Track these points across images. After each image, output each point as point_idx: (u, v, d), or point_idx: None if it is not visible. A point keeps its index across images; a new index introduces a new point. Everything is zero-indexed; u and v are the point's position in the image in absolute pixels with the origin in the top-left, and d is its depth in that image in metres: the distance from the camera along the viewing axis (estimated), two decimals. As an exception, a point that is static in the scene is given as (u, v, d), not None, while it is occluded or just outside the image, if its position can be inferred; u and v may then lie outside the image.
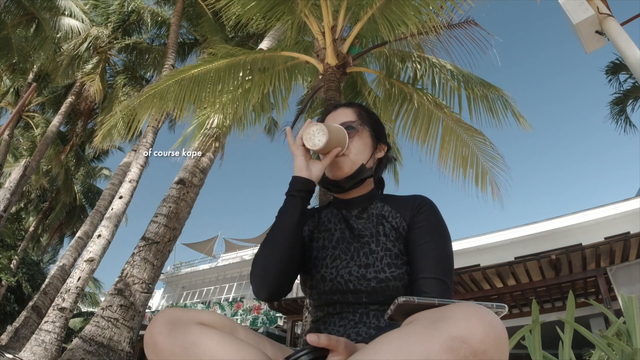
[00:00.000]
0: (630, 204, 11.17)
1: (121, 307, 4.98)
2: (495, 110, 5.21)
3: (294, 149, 0.96)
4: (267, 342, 0.81)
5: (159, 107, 5.03)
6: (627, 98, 10.00)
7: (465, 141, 5.15)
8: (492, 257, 10.58)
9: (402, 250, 0.94)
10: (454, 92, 5.24)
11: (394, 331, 0.62)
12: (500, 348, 0.55)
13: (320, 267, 0.97)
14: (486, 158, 5.20)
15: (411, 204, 0.99)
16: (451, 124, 5.14)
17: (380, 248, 0.94)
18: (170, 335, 0.67)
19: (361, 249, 0.95)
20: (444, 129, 5.17)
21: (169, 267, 22.68)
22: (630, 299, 1.51)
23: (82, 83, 12.69)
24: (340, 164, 1.00)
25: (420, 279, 0.87)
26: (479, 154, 5.18)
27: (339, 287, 0.92)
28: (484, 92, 5.14)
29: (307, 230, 1.06)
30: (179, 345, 0.66)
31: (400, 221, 0.98)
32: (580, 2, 3.14)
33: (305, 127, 0.96)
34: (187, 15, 11.89)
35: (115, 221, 8.10)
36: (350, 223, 1.01)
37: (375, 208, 1.03)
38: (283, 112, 5.97)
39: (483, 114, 5.19)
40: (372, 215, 1.01)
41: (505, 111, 5.24)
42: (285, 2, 4.81)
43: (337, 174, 1.01)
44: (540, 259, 6.95)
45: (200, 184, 6.28)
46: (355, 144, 1.02)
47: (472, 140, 5.15)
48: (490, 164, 5.20)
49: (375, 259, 0.93)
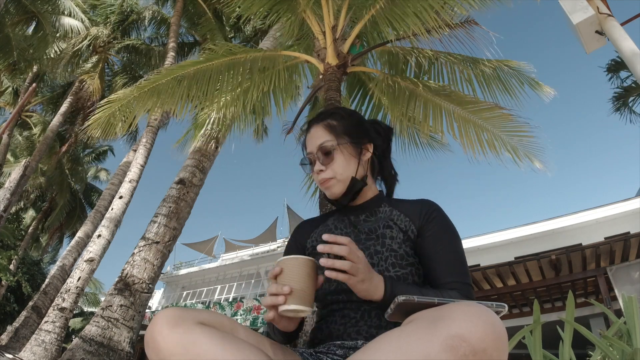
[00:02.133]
0: (630, 204, 11.16)
1: (121, 307, 4.98)
2: (510, 88, 4.92)
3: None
4: (267, 342, 0.82)
5: (156, 104, 4.95)
6: (629, 95, 10.00)
7: (482, 126, 4.90)
8: (492, 257, 10.57)
9: (408, 252, 0.95)
10: (463, 78, 5.00)
11: (394, 330, 0.62)
12: (500, 346, 0.56)
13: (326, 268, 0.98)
14: (509, 135, 4.87)
15: (419, 209, 1.00)
16: (464, 113, 4.91)
17: (385, 249, 0.95)
18: (171, 335, 0.67)
19: (366, 250, 0.96)
20: (457, 120, 4.95)
21: (169, 267, 22.69)
22: (630, 299, 1.51)
23: (82, 82, 12.69)
24: (331, 188, 1.02)
25: (443, 284, 0.90)
26: (501, 134, 4.89)
27: (343, 286, 0.93)
28: (496, 69, 4.87)
29: (310, 242, 1.07)
30: (179, 345, 0.66)
31: (409, 224, 0.99)
32: (580, 2, 3.14)
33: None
34: (188, 15, 11.89)
35: (115, 221, 8.10)
36: (357, 227, 1.02)
37: (383, 212, 1.03)
38: (285, 111, 5.97)
39: (498, 94, 4.93)
40: (379, 219, 1.02)
41: (521, 86, 4.92)
42: (286, 2, 4.81)
43: (332, 195, 1.03)
44: (540, 259, 6.95)
45: (200, 184, 6.28)
46: (337, 163, 1.01)
47: (489, 123, 4.86)
48: (517, 138, 4.87)
49: (380, 259, 0.94)
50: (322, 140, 1.03)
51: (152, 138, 9.05)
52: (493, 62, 4.88)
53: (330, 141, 1.02)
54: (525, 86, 4.95)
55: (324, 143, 1.02)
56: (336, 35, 4.73)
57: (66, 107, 12.51)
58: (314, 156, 1.04)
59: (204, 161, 6.28)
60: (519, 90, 4.95)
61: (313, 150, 1.04)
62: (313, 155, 1.04)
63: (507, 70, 4.92)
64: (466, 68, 4.92)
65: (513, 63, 4.93)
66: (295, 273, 0.78)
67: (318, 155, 1.03)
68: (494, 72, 4.91)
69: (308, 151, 1.05)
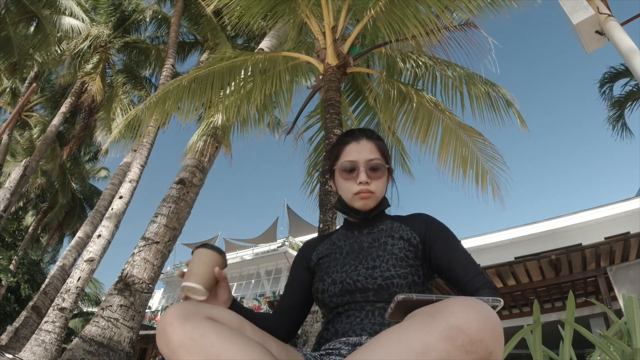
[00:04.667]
0: (630, 204, 11.17)
1: (121, 307, 4.98)
2: (497, 108, 5.20)
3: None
4: (272, 341, 0.85)
5: (162, 111, 5.08)
6: (626, 102, 10.02)
7: (465, 141, 5.16)
8: (492, 257, 10.58)
9: (409, 256, 1.02)
10: (456, 89, 5.23)
11: (395, 325, 0.65)
12: (496, 338, 0.59)
13: (332, 273, 1.05)
14: (486, 158, 5.20)
15: (419, 221, 1.10)
16: (451, 124, 5.15)
17: (386, 253, 1.02)
18: (181, 327, 0.70)
19: (369, 255, 1.04)
20: (443, 130, 5.18)
21: (169, 267, 22.68)
22: (630, 299, 1.52)
23: (83, 82, 12.69)
24: (368, 200, 1.09)
25: (469, 280, 0.97)
26: (479, 154, 5.19)
27: (348, 287, 1.00)
28: (487, 89, 5.14)
29: (316, 255, 1.14)
30: (188, 337, 0.69)
31: (411, 232, 1.07)
32: (580, 2, 3.14)
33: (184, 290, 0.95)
34: (189, 15, 11.89)
35: (115, 221, 8.10)
36: (360, 238, 1.11)
37: (384, 225, 1.12)
38: (287, 112, 5.98)
39: (485, 111, 5.19)
40: (381, 230, 1.10)
41: (507, 109, 5.24)
42: (286, 2, 4.81)
43: (364, 207, 1.10)
44: (540, 259, 6.95)
45: (200, 184, 6.28)
46: (381, 183, 1.11)
47: (472, 141, 5.15)
48: (490, 163, 5.21)
49: (382, 261, 1.01)
50: (375, 157, 1.11)
51: (152, 138, 9.05)
52: (486, 85, 5.17)
53: (380, 161, 1.11)
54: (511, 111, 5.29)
55: (375, 160, 1.10)
56: (336, 36, 4.74)
57: (66, 107, 12.51)
58: (358, 165, 1.09)
59: (204, 161, 6.28)
60: (505, 111, 5.25)
61: (360, 160, 1.10)
62: (358, 164, 1.09)
63: (495, 95, 5.23)
64: (460, 84, 5.17)
65: (502, 90, 5.28)
66: (196, 259, 0.95)
67: (366, 168, 1.09)
68: (485, 91, 5.16)
69: (353, 159, 1.10)
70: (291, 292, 1.14)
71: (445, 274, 1.02)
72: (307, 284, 1.13)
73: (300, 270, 1.15)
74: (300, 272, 1.15)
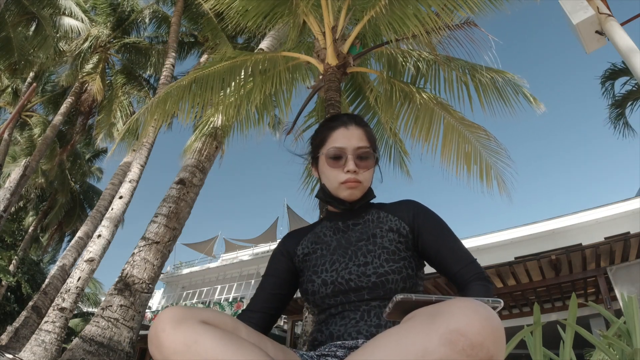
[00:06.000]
0: (630, 204, 11.17)
1: (121, 307, 4.98)
2: (506, 96, 5.05)
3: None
4: (268, 342, 0.83)
5: (163, 111, 5.08)
6: (627, 100, 10.00)
7: (467, 138, 5.08)
8: (492, 257, 10.58)
9: (400, 248, 0.98)
10: (461, 83, 5.11)
11: (394, 327, 0.63)
12: (497, 340, 0.57)
13: (321, 273, 0.99)
14: (489, 153, 5.10)
15: (406, 208, 1.04)
16: (453, 122, 5.07)
17: (377, 247, 0.98)
18: (174, 333, 0.68)
19: (359, 251, 0.99)
20: (445, 127, 5.10)
21: (169, 267, 22.69)
22: (630, 299, 1.51)
23: (82, 83, 12.69)
24: (355, 190, 1.03)
25: (460, 269, 0.95)
26: (482, 150, 5.09)
27: (340, 288, 0.95)
28: (492, 78, 5.00)
29: (301, 250, 1.08)
30: (181, 343, 0.67)
31: (400, 222, 1.02)
32: (580, 2, 3.14)
33: None
34: (189, 14, 11.89)
35: (115, 221, 8.10)
36: (346, 232, 1.05)
37: (370, 215, 1.06)
38: (287, 112, 5.98)
39: (494, 102, 5.06)
40: (367, 221, 1.05)
41: (516, 96, 5.06)
42: (286, 2, 4.81)
43: (350, 197, 1.04)
44: (540, 259, 6.96)
45: (200, 184, 6.28)
46: (368, 172, 1.05)
47: (474, 137, 5.06)
48: (494, 158, 5.10)
49: (374, 257, 0.96)
50: (363, 144, 1.05)
51: (153, 138, 9.05)
52: (491, 72, 5.01)
53: (369, 149, 1.05)
54: (520, 96, 5.11)
55: (363, 148, 1.04)
56: (336, 36, 4.73)
57: (66, 107, 12.51)
58: (346, 152, 1.03)
59: (204, 161, 6.28)
60: (514, 99, 5.09)
61: (349, 147, 1.03)
62: (346, 151, 1.03)
63: (501, 81, 5.07)
64: (464, 75, 5.04)
65: (508, 74, 5.10)
66: None
67: (354, 156, 1.03)
68: (491, 80, 5.02)
69: (340, 145, 1.03)
70: (270, 285, 1.05)
71: (435, 263, 0.98)
72: (288, 278, 1.06)
73: (283, 262, 1.07)
74: (282, 265, 1.07)
